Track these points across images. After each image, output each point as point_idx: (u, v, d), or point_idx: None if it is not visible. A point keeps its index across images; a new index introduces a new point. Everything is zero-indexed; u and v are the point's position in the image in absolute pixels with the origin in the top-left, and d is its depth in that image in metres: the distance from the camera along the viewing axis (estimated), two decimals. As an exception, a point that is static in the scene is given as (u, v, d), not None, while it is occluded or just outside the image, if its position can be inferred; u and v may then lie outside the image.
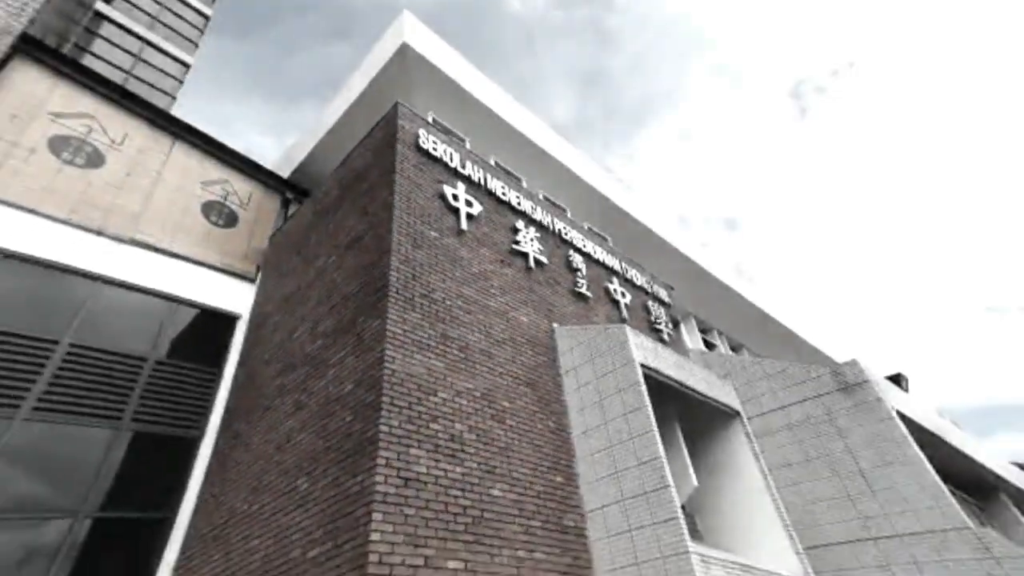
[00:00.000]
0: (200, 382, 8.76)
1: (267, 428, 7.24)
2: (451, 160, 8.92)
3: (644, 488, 6.58)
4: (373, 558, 4.65)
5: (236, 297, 9.93)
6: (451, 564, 5.14)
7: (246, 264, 10.53)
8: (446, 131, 11.79)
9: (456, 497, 5.61)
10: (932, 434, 11.40)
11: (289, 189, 12.40)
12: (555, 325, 8.86)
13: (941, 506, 8.47)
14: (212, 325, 9.47)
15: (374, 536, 4.77)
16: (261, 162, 12.35)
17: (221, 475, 7.59)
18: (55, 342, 7.56)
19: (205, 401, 8.60)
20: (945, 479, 9.32)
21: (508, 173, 12.64)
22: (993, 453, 14.15)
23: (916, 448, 9.18)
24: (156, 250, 9.33)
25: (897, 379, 17.98)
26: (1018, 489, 14.28)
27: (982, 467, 13.13)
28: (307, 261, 9.06)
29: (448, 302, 7.18)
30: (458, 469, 5.82)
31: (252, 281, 10.37)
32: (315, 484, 5.75)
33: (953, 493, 8.90)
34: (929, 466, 9.00)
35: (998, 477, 13.62)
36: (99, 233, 8.83)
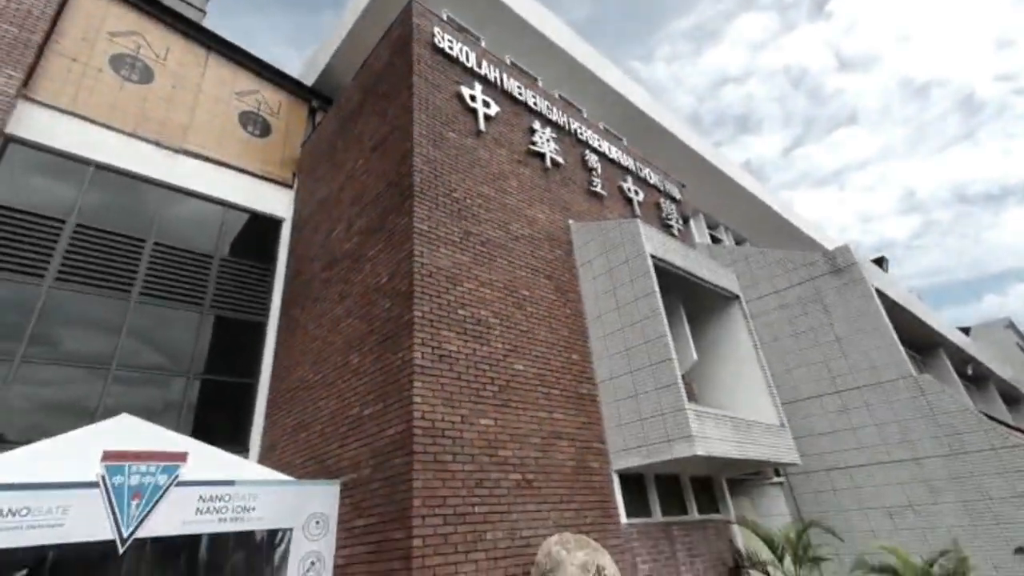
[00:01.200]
0: (258, 277, 9.36)
1: (318, 315, 7.71)
2: (467, 59, 8.51)
3: (650, 361, 6.95)
4: (417, 414, 5.15)
5: (278, 202, 10.16)
6: (483, 421, 5.66)
7: (283, 171, 10.59)
8: (461, 29, 11.10)
9: (484, 371, 6.03)
10: (901, 307, 12.63)
11: (315, 97, 12.07)
12: (571, 222, 8.88)
13: (896, 362, 10.01)
14: (261, 228, 9.82)
15: (416, 399, 5.24)
16: (286, 71, 11.96)
17: (287, 351, 8.28)
18: (143, 240, 8.29)
19: (264, 293, 9.26)
20: (901, 340, 10.58)
21: (524, 72, 12.02)
22: (942, 320, 16.54)
23: (886, 319, 10.36)
24: (205, 159, 9.47)
25: (880, 261, 19.01)
26: (957, 347, 16.50)
27: (933, 331, 14.92)
28: (337, 166, 9.07)
29: (469, 201, 7.22)
30: (485, 348, 6.20)
31: (290, 187, 10.49)
32: (364, 359, 6.23)
33: (905, 351, 10.10)
34: (893, 333, 10.21)
35: (944, 338, 15.58)
36: (157, 144, 9.01)
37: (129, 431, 5.03)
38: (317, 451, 6.48)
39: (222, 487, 5.02)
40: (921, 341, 15.34)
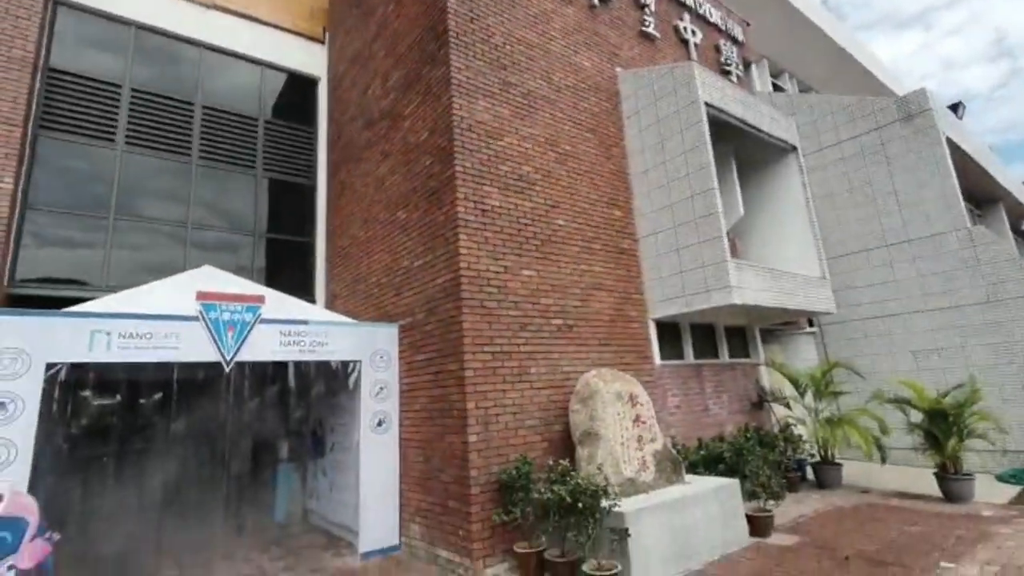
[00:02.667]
0: (302, 139, 9.49)
1: (363, 175, 7.89)
2: None
3: (695, 215, 6.91)
4: (464, 264, 5.49)
5: (312, 60, 9.85)
6: (525, 272, 5.98)
7: (313, 24, 10.07)
8: None
9: (526, 225, 6.19)
10: (969, 159, 11.67)
11: (336, -66, 10.94)
12: (618, 70, 8.26)
13: (953, 216, 9.48)
14: (299, 88, 9.68)
15: (463, 251, 5.54)
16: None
17: (338, 212, 8.69)
18: (191, 104, 8.44)
19: (310, 155, 9.47)
20: (962, 193, 9.92)
21: None
22: (1009, 175, 15.19)
23: (952, 171, 9.61)
24: (236, 14, 9.10)
25: (955, 107, 16.94)
26: (1018, 203, 15.42)
27: (997, 185, 13.81)
28: (367, 13, 8.52)
29: (509, 47, 6.78)
30: (527, 203, 6.29)
31: (322, 43, 10.04)
32: (411, 215, 6.49)
33: (963, 204, 9.77)
34: (956, 186, 9.54)
35: (1007, 193, 14.48)
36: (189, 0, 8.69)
37: (214, 278, 5.64)
38: (375, 300, 7.10)
39: (298, 325, 5.69)
40: (981, 194, 14.33)
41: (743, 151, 8.56)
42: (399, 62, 7.32)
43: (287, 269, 8.87)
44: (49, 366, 4.46)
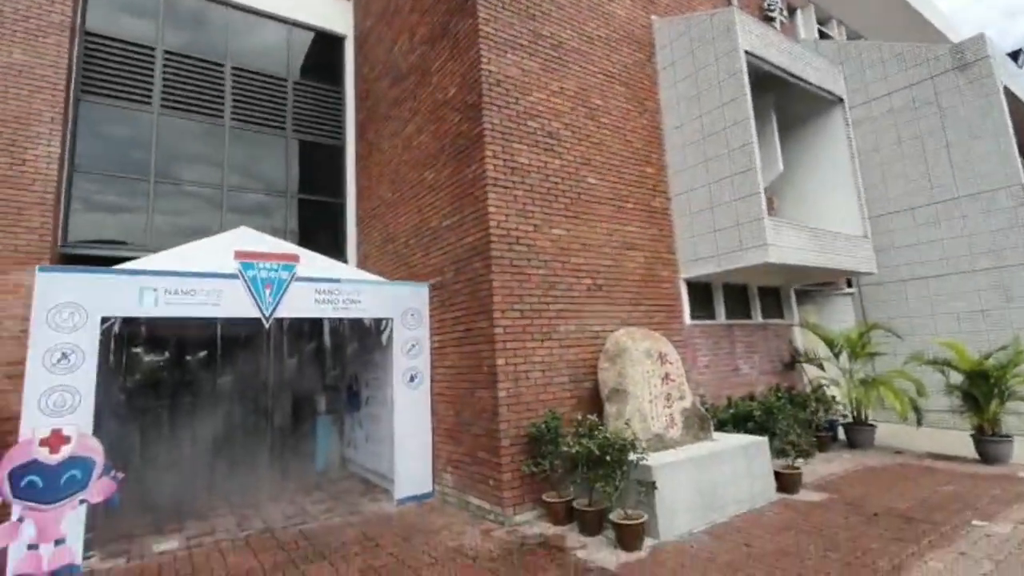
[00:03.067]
0: (330, 99, 9.47)
1: (391, 134, 7.86)
2: None
3: (731, 171, 6.69)
4: (493, 223, 5.49)
5: (339, 16, 9.70)
6: (555, 231, 5.94)
7: (336, -22, 9.87)
8: None
9: (556, 183, 6.11)
10: None
11: None
12: (653, 18, 7.88)
13: (1007, 172, 8.81)
14: (325, 47, 9.60)
15: (492, 209, 5.52)
16: None
17: (366, 173, 8.74)
18: (221, 65, 8.51)
19: (338, 115, 9.46)
20: (1018, 146, 9.24)
21: None
22: None
23: (1009, 124, 8.94)
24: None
25: (1015, 55, 15.44)
26: None
27: None
28: (394, -34, 8.29)
29: (539, -4, 6.52)
30: (556, 161, 6.18)
31: (346, -2, 9.86)
32: (439, 174, 6.47)
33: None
34: (1013, 140, 8.90)
35: None
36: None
37: (250, 239, 5.80)
38: (404, 260, 7.20)
39: (331, 283, 5.84)
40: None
41: (784, 103, 8.15)
42: (426, 15, 7.14)
43: (319, 231, 9.03)
44: (104, 320, 4.72)
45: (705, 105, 7.06)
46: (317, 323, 6.07)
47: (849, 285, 10.30)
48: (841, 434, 8.04)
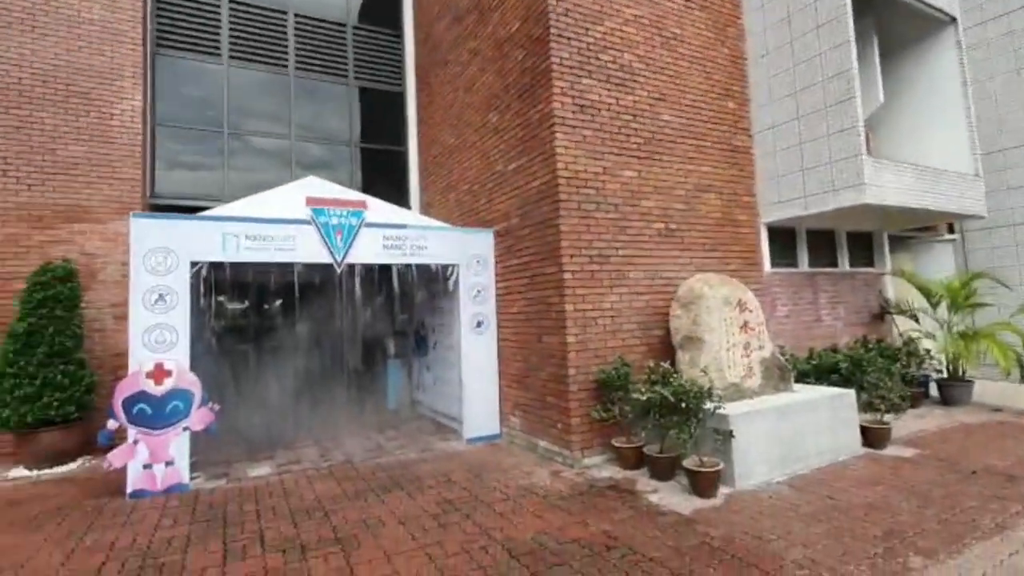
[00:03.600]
0: (390, 44, 9.31)
1: (452, 77, 7.64)
2: None
3: (825, 103, 6.05)
4: (561, 165, 5.26)
5: (393, -48, 9.37)
6: (626, 173, 5.64)
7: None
8: None
9: (628, 121, 5.74)
10: None
11: None
12: (737, -71, 7.04)
13: None
14: (381, -13, 9.35)
15: (559, 150, 5.28)
16: None
17: (427, 120, 8.63)
18: (284, 13, 8.54)
19: (398, 61, 9.32)
20: None
21: None
22: None
23: None
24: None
25: None
26: None
27: None
28: None
29: (611, -89, 5.93)
30: (629, 97, 5.78)
31: (403, -68, 9.45)
32: (503, 116, 6.25)
33: None
34: None
35: None
36: None
37: (319, 187, 5.89)
38: (468, 206, 7.12)
39: (399, 229, 5.87)
40: None
41: (887, 27, 7.19)
42: (487, -56, 6.71)
43: (382, 179, 9.09)
44: (192, 264, 5.00)
45: (797, 28, 6.33)
46: (385, 270, 6.17)
47: (951, 231, 9.31)
48: (933, 390, 7.46)
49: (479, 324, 6.20)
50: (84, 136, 6.71)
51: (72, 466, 5.68)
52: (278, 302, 8.08)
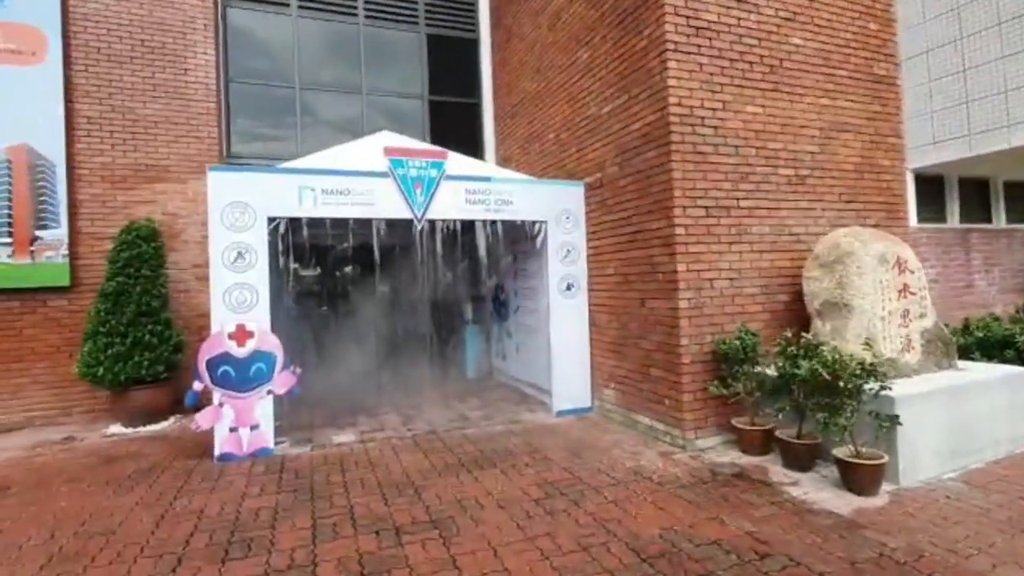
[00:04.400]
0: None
1: (533, 14, 6.83)
2: None
3: (998, 17, 4.80)
4: (673, 100, 4.45)
5: None
6: (749, 108, 4.73)
7: None
8: None
9: (751, 47, 4.78)
10: None
11: None
12: None
13: None
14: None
15: (671, 83, 4.45)
16: None
17: (505, 66, 7.90)
18: None
19: (470, 2, 8.55)
20: None
21: None
22: None
23: None
24: None
25: None
26: None
27: None
28: None
29: None
30: (752, 17, 4.81)
31: None
32: (596, 51, 5.43)
33: None
34: None
35: None
36: None
37: (394, 140, 5.37)
38: (554, 158, 6.42)
39: (482, 182, 5.27)
40: None
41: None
42: None
43: (454, 134, 8.48)
44: (270, 220, 4.65)
45: (967, -78, 5.04)
46: (465, 229, 5.64)
47: None
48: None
49: (569, 287, 5.58)
50: (161, 94, 6.52)
51: (164, 424, 5.68)
52: (354, 265, 7.81)
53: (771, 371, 4.09)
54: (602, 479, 3.78)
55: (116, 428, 5.57)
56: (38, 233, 5.98)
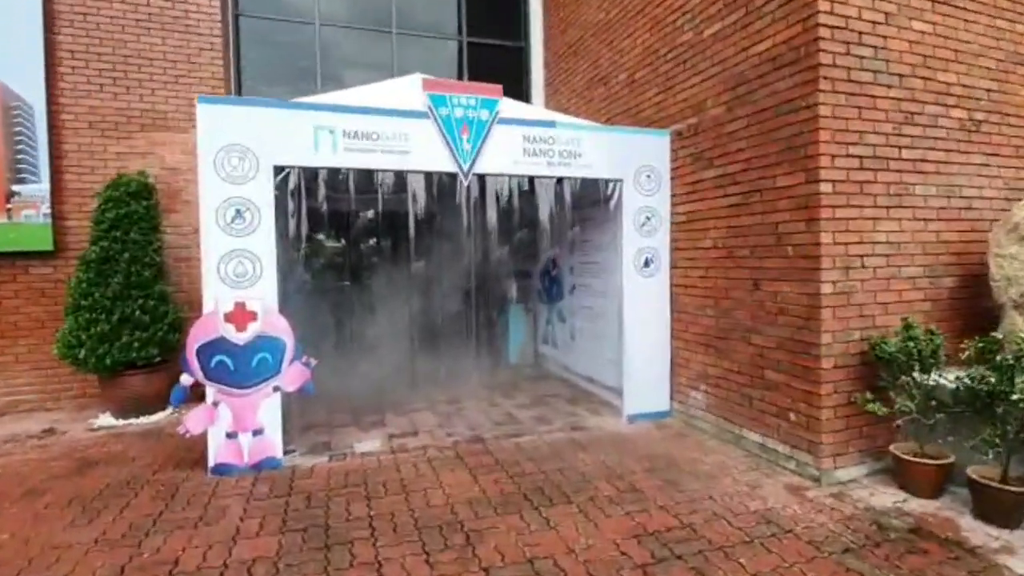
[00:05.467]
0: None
1: (604, -76, 5.48)
2: None
3: None
4: (823, 6, 3.16)
5: None
6: (916, 25, 3.40)
7: None
8: None
9: (917, -61, 3.43)
10: None
11: None
12: None
13: None
14: None
15: (819, -18, 3.16)
16: None
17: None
18: None
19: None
20: None
21: None
22: None
23: None
24: None
25: None
26: None
27: None
28: None
29: None
30: (918, -101, 3.44)
31: None
32: (700, -46, 4.12)
33: None
34: None
35: None
36: None
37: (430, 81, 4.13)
38: (624, 105, 5.16)
39: (544, 128, 4.06)
40: None
41: None
42: None
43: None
44: (277, 170, 3.56)
45: None
46: (515, 190, 4.45)
47: None
48: None
49: (647, 263, 4.40)
50: (156, 24, 5.40)
51: (159, 416, 4.75)
52: (381, 230, 6.67)
53: (944, 381, 2.91)
54: (724, 530, 2.68)
55: (106, 419, 4.67)
56: (15, 188, 5.01)
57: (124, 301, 4.50)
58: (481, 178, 4.07)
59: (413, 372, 5.66)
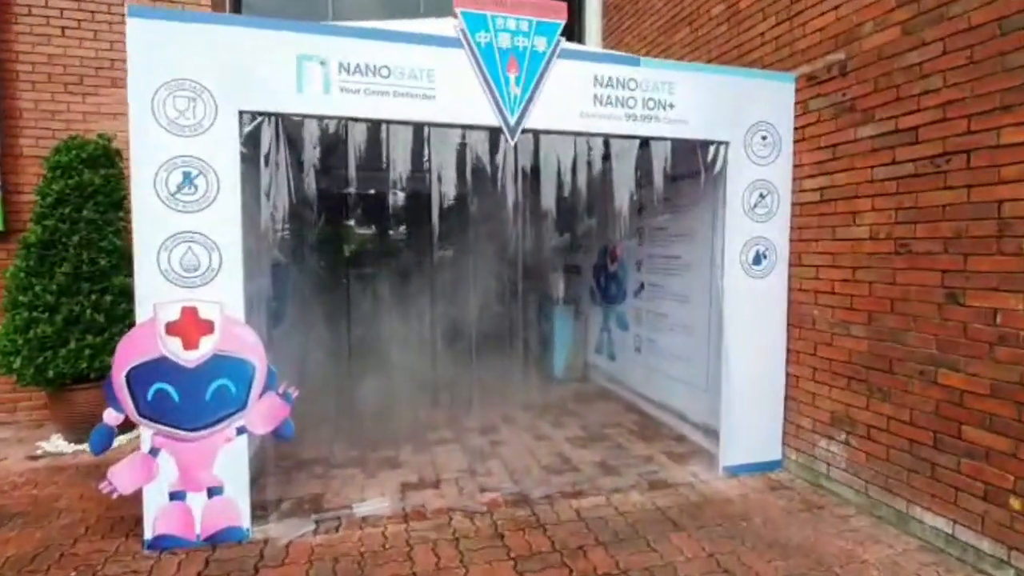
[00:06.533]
0: None
1: None
2: None
3: None
4: None
5: None
6: None
7: None
8: None
9: None
10: None
11: None
12: None
13: None
14: None
15: None
16: None
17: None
18: None
19: None
20: None
21: None
22: None
23: None
24: None
25: None
26: None
27: None
28: None
29: None
30: None
31: None
32: None
33: None
34: None
35: None
36: None
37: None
38: (721, 47, 3.87)
39: (625, 66, 2.81)
40: None
41: None
42: None
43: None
44: (243, 116, 2.44)
45: None
46: (567, 157, 3.22)
47: None
48: None
49: (758, 258, 3.15)
50: (128, -50, 4.35)
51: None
52: (393, 206, 5.50)
53: None
54: None
55: (55, 442, 3.71)
56: (-45, 153, 4.05)
57: (72, 297, 3.49)
58: (535, 137, 2.87)
59: (436, 388, 4.54)
